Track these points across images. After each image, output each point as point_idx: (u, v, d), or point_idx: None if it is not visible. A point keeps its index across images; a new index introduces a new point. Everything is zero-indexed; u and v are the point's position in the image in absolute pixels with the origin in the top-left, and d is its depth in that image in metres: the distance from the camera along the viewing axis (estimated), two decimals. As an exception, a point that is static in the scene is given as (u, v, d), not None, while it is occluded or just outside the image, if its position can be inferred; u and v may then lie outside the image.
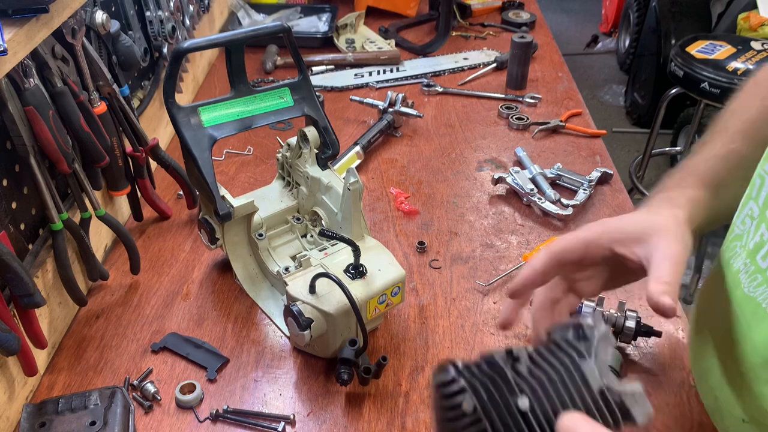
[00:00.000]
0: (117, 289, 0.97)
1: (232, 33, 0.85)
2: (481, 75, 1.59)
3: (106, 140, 0.94)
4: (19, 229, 0.82)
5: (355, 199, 0.86)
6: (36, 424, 0.74)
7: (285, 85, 0.92)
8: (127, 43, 1.03)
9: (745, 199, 0.73)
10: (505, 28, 1.84)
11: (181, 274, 1.00)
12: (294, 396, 0.82)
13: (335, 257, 0.85)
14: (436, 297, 0.96)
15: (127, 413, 0.77)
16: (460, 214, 1.14)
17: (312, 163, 0.95)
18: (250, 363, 0.86)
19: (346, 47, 1.69)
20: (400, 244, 1.07)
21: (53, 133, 0.80)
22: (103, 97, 0.96)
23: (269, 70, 1.59)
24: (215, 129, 0.86)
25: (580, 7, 4.95)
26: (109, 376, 0.84)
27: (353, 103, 1.41)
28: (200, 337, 0.89)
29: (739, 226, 0.74)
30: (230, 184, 1.21)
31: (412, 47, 1.71)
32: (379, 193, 1.19)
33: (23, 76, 0.76)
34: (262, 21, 1.78)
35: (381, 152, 1.31)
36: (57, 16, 0.80)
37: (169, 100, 0.84)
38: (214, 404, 0.80)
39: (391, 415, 0.79)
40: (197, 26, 1.45)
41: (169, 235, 1.08)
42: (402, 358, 0.87)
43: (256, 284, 0.96)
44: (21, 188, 0.83)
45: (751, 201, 0.72)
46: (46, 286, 0.84)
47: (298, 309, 0.78)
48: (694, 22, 3.12)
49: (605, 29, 4.47)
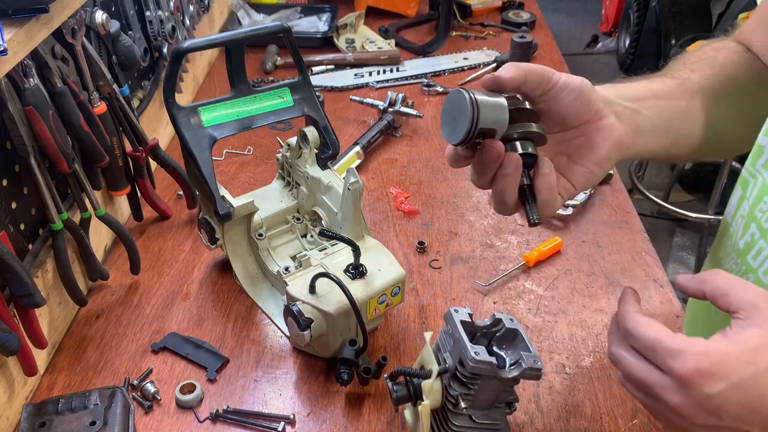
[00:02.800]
0: (117, 289, 0.97)
1: (232, 33, 0.85)
2: (481, 75, 1.59)
3: (106, 140, 0.94)
4: (19, 229, 0.82)
5: (355, 199, 0.86)
6: (36, 424, 0.74)
7: (285, 85, 0.92)
8: (127, 43, 1.03)
9: (739, 201, 0.74)
10: (505, 28, 1.84)
11: (181, 274, 1.00)
12: (294, 396, 0.82)
13: (335, 257, 0.85)
14: (436, 297, 0.96)
15: (127, 413, 0.77)
16: (460, 214, 1.14)
17: (312, 163, 0.95)
18: (250, 363, 0.86)
19: (346, 47, 1.69)
20: (400, 244, 1.07)
21: (53, 133, 0.80)
22: (103, 97, 0.96)
23: (269, 70, 1.59)
24: (215, 129, 0.86)
25: (580, 7, 4.95)
26: (109, 376, 0.84)
27: (353, 103, 1.41)
28: (200, 337, 0.89)
29: (732, 226, 0.74)
30: (230, 184, 1.21)
31: (412, 47, 1.71)
32: (379, 193, 1.19)
33: (23, 76, 0.76)
34: (262, 21, 1.78)
35: (381, 152, 1.31)
36: (57, 16, 0.80)
37: (169, 100, 0.84)
38: (214, 404, 0.80)
39: (391, 415, 0.79)
40: (197, 26, 1.44)
41: (169, 235, 1.08)
42: (402, 358, 0.87)
43: (256, 284, 0.96)
44: (21, 188, 0.83)
45: (745, 201, 0.72)
46: (46, 286, 0.84)
47: (298, 309, 0.78)
48: (694, 22, 3.12)
49: (605, 29, 4.47)
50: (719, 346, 0.50)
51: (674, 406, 0.51)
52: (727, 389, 0.48)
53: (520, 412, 0.79)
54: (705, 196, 2.87)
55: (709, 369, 0.48)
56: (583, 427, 0.78)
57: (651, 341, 0.52)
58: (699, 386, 0.49)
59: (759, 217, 0.69)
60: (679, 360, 0.49)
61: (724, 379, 0.48)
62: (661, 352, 0.51)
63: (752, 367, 0.48)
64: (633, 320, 0.54)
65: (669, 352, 0.50)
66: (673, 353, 0.50)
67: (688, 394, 0.49)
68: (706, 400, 0.49)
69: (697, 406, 0.49)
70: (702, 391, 0.49)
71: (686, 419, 0.51)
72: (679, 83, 0.72)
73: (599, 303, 0.95)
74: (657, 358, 0.51)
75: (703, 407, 0.49)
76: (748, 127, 0.73)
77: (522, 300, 0.96)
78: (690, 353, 0.49)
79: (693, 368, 0.49)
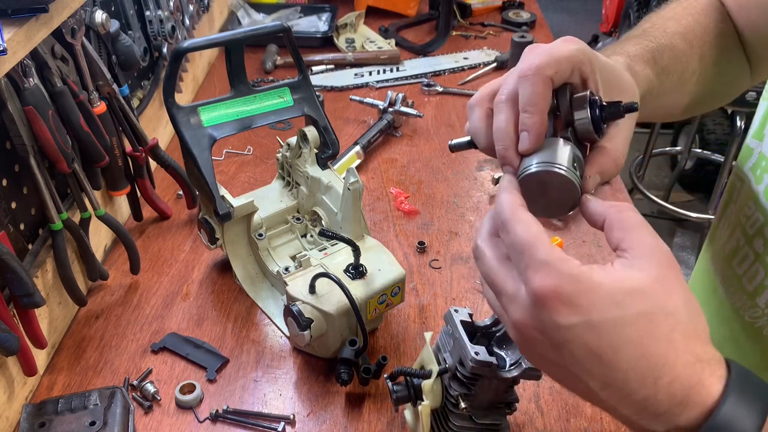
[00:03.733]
0: (117, 289, 0.97)
1: (231, 33, 0.85)
2: (482, 75, 1.59)
3: (106, 140, 0.94)
4: (18, 229, 0.82)
5: (355, 199, 0.86)
6: (35, 424, 0.74)
7: (285, 84, 0.92)
8: (126, 42, 1.03)
9: (725, 204, 0.73)
10: (505, 27, 1.84)
11: (181, 274, 1.00)
12: (294, 396, 0.82)
13: (335, 257, 0.85)
14: (436, 297, 0.96)
15: (127, 413, 0.77)
16: (460, 214, 1.13)
17: (312, 163, 0.95)
18: (249, 363, 0.86)
19: (346, 47, 1.69)
20: (400, 244, 1.07)
21: (53, 132, 0.80)
22: (103, 96, 0.96)
23: (269, 69, 1.58)
24: (215, 129, 0.86)
25: (580, 6, 4.94)
26: (108, 376, 0.84)
27: (353, 102, 1.41)
28: (200, 337, 0.89)
29: (719, 230, 0.74)
30: (230, 184, 1.21)
31: (412, 47, 1.71)
32: (379, 193, 1.19)
33: (23, 76, 0.76)
34: (262, 21, 1.78)
35: (381, 152, 1.31)
36: (56, 15, 0.80)
37: (168, 99, 0.84)
38: (213, 404, 0.80)
39: (391, 415, 0.79)
40: (197, 26, 1.44)
41: (168, 235, 1.08)
42: (402, 358, 0.87)
43: (256, 284, 0.96)
44: (21, 188, 0.83)
45: (731, 205, 0.72)
46: (45, 286, 0.84)
47: (298, 309, 0.78)
48: (694, 22, 3.11)
49: (605, 29, 4.46)
50: (593, 274, 0.42)
51: (516, 323, 0.44)
52: (581, 326, 0.41)
53: (520, 412, 0.79)
54: (705, 196, 2.87)
55: (570, 295, 0.41)
56: (583, 427, 0.78)
57: (522, 244, 0.44)
58: (551, 310, 0.42)
59: (743, 222, 0.68)
60: (542, 273, 0.42)
61: (581, 313, 0.41)
62: (527, 258, 0.44)
63: (619, 311, 0.41)
64: (515, 214, 0.46)
65: (534, 261, 0.43)
66: (538, 264, 0.43)
67: (536, 315, 0.43)
68: (554, 330, 0.42)
69: (541, 331, 0.43)
70: (552, 318, 0.42)
71: (525, 342, 0.45)
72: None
73: (599, 303, 0.95)
74: (520, 264, 0.44)
75: (547, 335, 0.43)
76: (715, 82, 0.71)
77: (522, 300, 0.96)
78: (556, 270, 0.42)
79: (552, 288, 0.42)
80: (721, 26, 0.73)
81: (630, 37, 0.69)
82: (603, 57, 0.56)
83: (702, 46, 0.71)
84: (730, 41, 0.73)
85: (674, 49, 0.69)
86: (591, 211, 0.49)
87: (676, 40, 0.69)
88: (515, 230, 0.45)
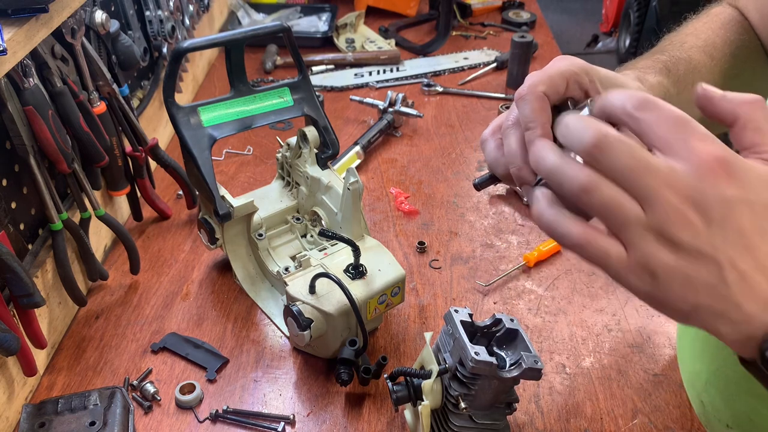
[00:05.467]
0: (117, 289, 0.97)
1: (231, 33, 0.85)
2: (482, 75, 1.59)
3: (106, 140, 0.94)
4: (18, 229, 0.82)
5: (355, 199, 0.86)
6: (35, 425, 0.74)
7: (285, 84, 0.92)
8: (126, 42, 1.03)
9: None
10: (505, 27, 1.84)
11: (181, 274, 1.00)
12: (294, 396, 0.82)
13: (335, 257, 0.85)
14: (436, 297, 0.96)
15: (127, 413, 0.77)
16: (460, 214, 1.13)
17: (312, 163, 0.95)
18: (249, 363, 0.86)
19: (346, 47, 1.69)
20: (400, 244, 1.07)
21: (53, 133, 0.80)
22: (103, 96, 0.96)
23: (269, 69, 1.58)
24: (215, 129, 0.86)
25: (580, 6, 4.95)
26: (108, 376, 0.84)
27: (353, 102, 1.41)
28: (200, 337, 0.89)
29: None
30: (230, 184, 1.21)
31: (412, 47, 1.71)
32: (379, 193, 1.19)
33: (23, 76, 0.76)
34: (262, 21, 1.78)
35: (381, 152, 1.31)
36: (56, 15, 0.80)
37: (168, 99, 0.84)
38: (213, 404, 0.80)
39: (391, 415, 0.79)
40: (197, 26, 1.44)
41: (168, 235, 1.08)
42: (402, 358, 0.87)
43: (255, 284, 0.96)
44: (20, 188, 0.83)
45: None
46: (45, 286, 0.84)
47: (298, 309, 0.78)
48: (694, 22, 3.12)
49: (605, 29, 4.47)
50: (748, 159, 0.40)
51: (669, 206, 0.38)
52: (741, 203, 0.38)
53: (520, 412, 0.79)
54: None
55: (734, 167, 0.38)
56: (583, 427, 0.78)
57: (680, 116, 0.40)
58: (718, 179, 0.38)
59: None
60: (708, 141, 0.39)
61: (744, 188, 0.38)
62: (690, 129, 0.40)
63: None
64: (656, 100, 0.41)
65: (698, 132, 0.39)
66: (702, 134, 0.39)
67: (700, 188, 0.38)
68: (717, 203, 0.38)
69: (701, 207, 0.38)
70: (718, 188, 0.38)
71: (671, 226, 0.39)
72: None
73: (599, 303, 0.95)
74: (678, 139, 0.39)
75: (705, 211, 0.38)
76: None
77: (522, 300, 0.96)
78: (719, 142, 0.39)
79: (721, 155, 0.38)
80: (743, 38, 0.73)
81: (644, 56, 0.70)
82: (603, 69, 0.57)
83: (722, 58, 0.71)
84: (753, 54, 0.73)
85: (691, 61, 0.69)
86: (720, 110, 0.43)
87: (693, 53, 0.69)
88: (666, 107, 0.41)
